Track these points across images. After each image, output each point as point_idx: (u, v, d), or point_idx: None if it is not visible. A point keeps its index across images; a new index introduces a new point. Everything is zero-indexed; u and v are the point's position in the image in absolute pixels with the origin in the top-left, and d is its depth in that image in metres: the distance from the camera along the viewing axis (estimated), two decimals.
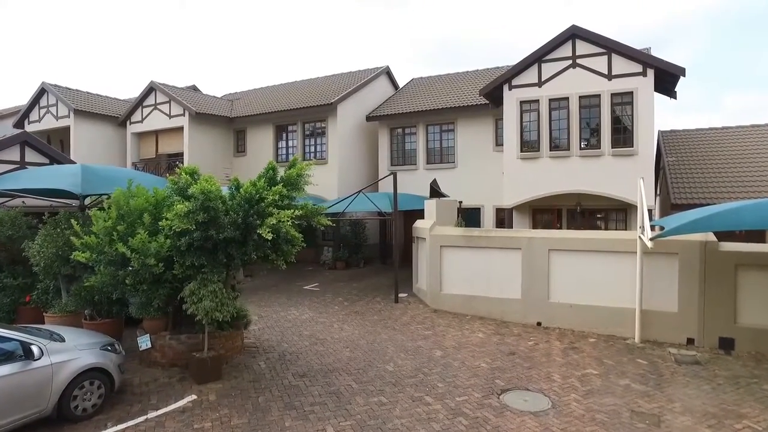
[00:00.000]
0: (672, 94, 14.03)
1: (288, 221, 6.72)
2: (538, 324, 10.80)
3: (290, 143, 20.42)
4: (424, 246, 13.04)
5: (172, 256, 6.98)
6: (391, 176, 13.28)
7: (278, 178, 7.81)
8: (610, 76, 13.38)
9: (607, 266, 10.06)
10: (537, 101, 14.43)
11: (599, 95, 13.56)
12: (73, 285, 8.39)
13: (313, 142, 19.86)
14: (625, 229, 14.24)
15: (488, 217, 17.82)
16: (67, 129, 20.57)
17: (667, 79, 13.26)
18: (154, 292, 7.23)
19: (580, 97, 13.80)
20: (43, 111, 21.46)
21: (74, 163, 12.83)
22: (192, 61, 73.30)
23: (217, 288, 6.97)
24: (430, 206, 13.24)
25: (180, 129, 19.81)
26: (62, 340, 5.98)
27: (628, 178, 12.82)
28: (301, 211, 7.16)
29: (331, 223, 8.42)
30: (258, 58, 73.91)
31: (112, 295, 7.44)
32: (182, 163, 19.55)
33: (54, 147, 21.93)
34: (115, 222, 7.07)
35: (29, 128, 21.88)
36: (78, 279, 8.29)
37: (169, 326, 7.96)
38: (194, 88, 24.77)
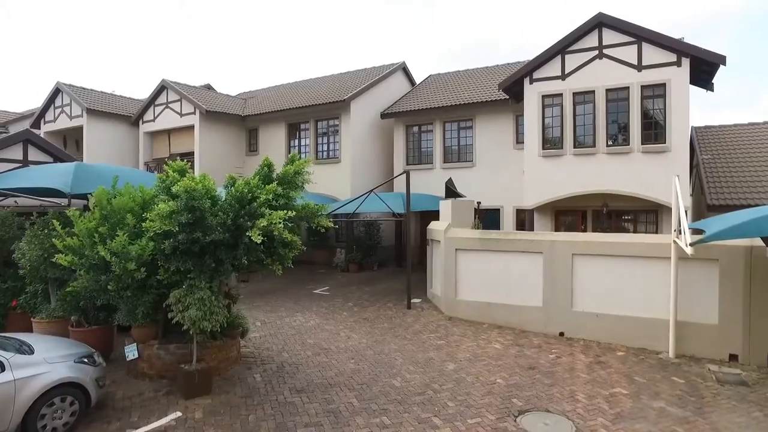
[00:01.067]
0: (708, 86, 12.96)
1: (280, 223, 6.08)
2: (561, 334, 9.97)
3: (303, 142, 19.90)
4: (438, 249, 12.31)
5: (157, 260, 6.43)
6: (406, 175, 12.56)
7: (275, 176, 7.20)
8: (640, 67, 12.40)
9: (638, 272, 9.19)
10: (560, 95, 13.54)
11: (628, 88, 12.60)
12: (61, 289, 7.95)
13: (325, 141, 19.29)
14: (656, 232, 13.25)
15: (508, 219, 16.95)
16: (81, 129, 20.49)
17: (703, 69, 12.22)
18: (139, 299, 6.70)
19: (607, 90, 12.86)
20: (58, 111, 21.46)
21: (79, 161, 12.50)
22: (211, 62, 74.03)
23: (206, 295, 6.38)
24: (446, 207, 12.50)
25: (191, 128, 19.50)
26: (31, 352, 5.47)
27: (660, 176, 11.86)
28: (295, 213, 6.51)
29: (332, 225, 7.77)
30: (279, 59, 74.20)
31: (97, 301, 6.94)
32: (193, 162, 19.24)
33: (70, 147, 21.98)
34: (98, 223, 6.57)
35: (45, 128, 21.95)
36: (67, 283, 7.83)
37: (159, 335, 7.43)
38: (209, 87, 24.51)
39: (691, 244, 7.20)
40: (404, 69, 21.99)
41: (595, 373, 7.88)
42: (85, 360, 5.86)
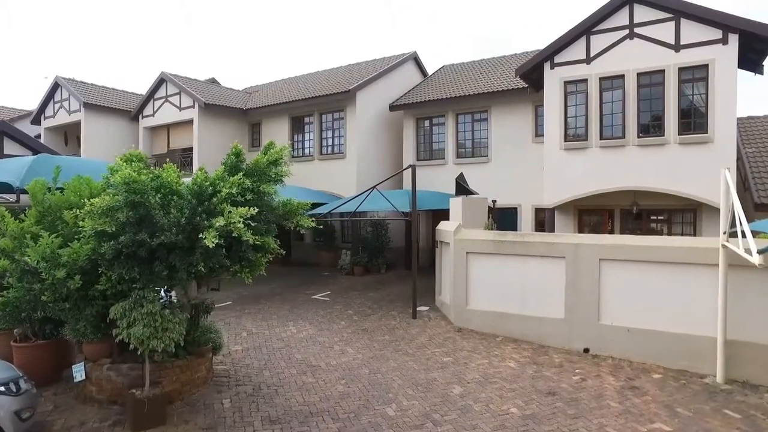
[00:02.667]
0: (757, 68, 11.42)
1: (239, 222, 4.96)
2: (586, 351, 8.69)
3: (307, 136, 18.85)
4: (447, 252, 11.10)
5: (99, 267, 5.38)
6: (412, 170, 11.37)
7: (245, 166, 6.10)
8: (677, 47, 10.95)
9: (677, 281, 7.87)
10: (585, 81, 12.17)
11: (663, 71, 11.15)
12: None
13: (330, 135, 18.19)
14: (694, 234, 11.79)
15: (526, 219, 15.60)
16: (80, 124, 19.80)
17: (753, 47, 10.70)
18: (80, 312, 5.66)
19: (639, 74, 11.43)
20: (57, 106, 20.85)
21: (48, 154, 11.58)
22: (221, 58, 73.46)
23: (155, 309, 5.31)
24: (456, 205, 11.27)
25: (191, 122, 18.64)
26: None
27: (700, 171, 10.44)
28: (260, 210, 5.38)
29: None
30: (291, 54, 73.37)
31: (36, 312, 5.93)
32: (192, 158, 18.35)
33: (71, 143, 21.35)
34: (35, 221, 5.55)
35: (45, 124, 21.38)
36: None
37: (115, 352, 6.38)
38: (213, 81, 23.68)
39: (760, 252, 5.83)
40: (416, 59, 20.75)
41: (629, 401, 6.60)
42: (2, 389, 4.82)
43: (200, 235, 4.98)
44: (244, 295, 13.52)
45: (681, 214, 12.22)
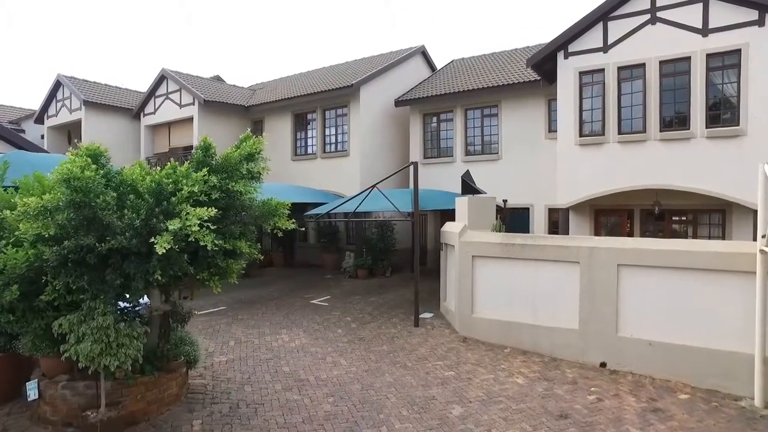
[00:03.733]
0: None
1: (195, 225, 4.29)
2: (602, 365, 7.87)
3: (310, 134, 18.20)
4: (452, 255, 10.34)
5: (45, 275, 4.76)
6: (413, 168, 10.63)
7: (214, 162, 5.44)
8: (705, 31, 10.02)
9: (707, 290, 7.00)
10: (602, 71, 11.29)
11: (689, 58, 10.22)
12: None
13: (333, 132, 17.51)
14: (722, 237, 10.84)
15: (539, 220, 14.74)
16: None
17: None
18: (28, 325, 5.05)
19: (662, 63, 10.52)
20: (59, 105, 20.56)
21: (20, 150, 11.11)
22: (228, 56, 73.20)
23: (107, 322, 4.67)
24: (462, 205, 10.51)
25: (191, 120, 18.12)
26: None
27: (730, 167, 9.53)
28: (223, 210, 4.69)
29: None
30: (292, 55, 72.79)
31: None
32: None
33: (74, 141, 21.03)
34: None
35: (48, 123, 21.12)
36: None
37: (75, 368, 5.76)
38: (218, 79, 23.20)
39: None
40: (423, 53, 19.96)
41: (652, 427, 5.79)
42: None
43: (152, 240, 4.32)
44: (240, 299, 12.93)
45: (708, 215, 11.27)
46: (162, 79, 19.11)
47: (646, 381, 7.29)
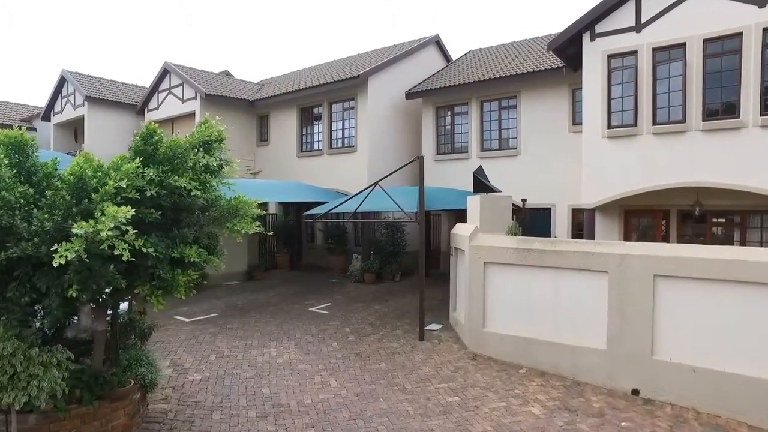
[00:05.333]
0: None
1: (107, 228, 3.32)
2: (634, 393, 6.71)
3: (316, 129, 17.25)
4: (462, 260, 9.25)
5: None
6: (419, 162, 9.55)
7: (160, 153, 4.48)
8: (762, 1, 8.62)
9: (766, 308, 5.76)
10: (634, 53, 10.00)
11: (740, 34, 8.83)
12: None
13: (340, 127, 16.52)
14: None
15: (561, 222, 13.47)
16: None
17: None
18: None
19: (706, 41, 9.17)
20: (64, 101, 20.12)
21: None
22: (240, 52, 72.78)
23: (7, 350, 3.75)
24: (473, 204, 9.39)
25: (193, 115, 17.38)
26: None
27: None
28: (131, 213, 3.68)
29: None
30: (293, 56, 71.95)
31: None
32: None
33: (81, 139, 20.60)
34: None
35: (54, 120, 20.72)
36: None
37: None
38: (227, 74, 22.47)
39: None
40: (438, 43, 18.79)
41: None
42: None
43: (54, 247, 3.38)
44: (236, 305, 12.06)
45: (759, 217, 9.86)
46: (165, 73, 18.43)
47: (690, 415, 6.10)
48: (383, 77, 15.89)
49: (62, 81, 19.97)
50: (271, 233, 12.00)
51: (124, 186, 3.85)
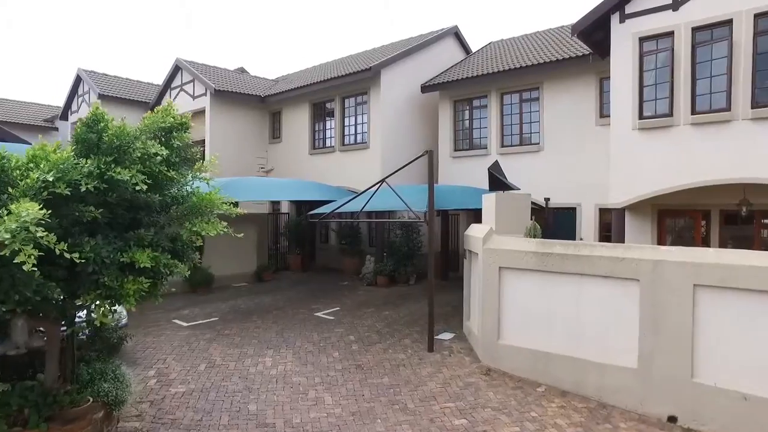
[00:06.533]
0: None
1: (6, 231, 2.71)
2: (671, 420, 5.84)
3: (328, 125, 16.63)
4: (476, 265, 8.45)
5: None
6: (428, 156, 8.78)
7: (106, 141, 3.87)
8: None
9: None
10: (670, 34, 8.98)
11: None
12: None
13: (353, 123, 15.84)
14: None
15: (587, 223, 12.47)
16: None
17: None
18: None
19: (757, 16, 8.09)
20: (80, 100, 20.09)
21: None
22: (260, 50, 72.76)
23: None
24: (488, 203, 8.57)
25: (204, 111, 16.98)
26: None
27: None
28: (42, 212, 3.05)
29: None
30: (293, 56, 71.53)
31: None
32: (205, 151, 16.71)
33: None
34: None
35: (72, 119, 20.74)
36: None
37: None
38: (242, 71, 22.10)
39: None
40: (456, 34, 17.91)
41: None
42: None
43: None
44: (240, 308, 11.52)
45: None
46: (177, 69, 18.13)
47: None
48: (397, 70, 15.16)
49: (78, 80, 19.95)
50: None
51: (51, 179, 3.23)
